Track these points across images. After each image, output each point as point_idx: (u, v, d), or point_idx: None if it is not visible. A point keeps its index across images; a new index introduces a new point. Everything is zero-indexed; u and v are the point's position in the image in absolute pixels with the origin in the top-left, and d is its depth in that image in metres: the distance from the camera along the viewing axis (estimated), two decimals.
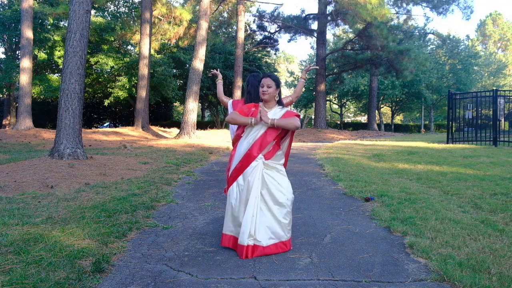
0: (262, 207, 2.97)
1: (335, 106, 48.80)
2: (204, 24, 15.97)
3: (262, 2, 26.05)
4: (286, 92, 61.08)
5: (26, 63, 16.10)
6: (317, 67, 4.86)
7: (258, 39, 30.96)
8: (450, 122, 15.11)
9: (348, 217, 4.06)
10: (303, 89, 3.80)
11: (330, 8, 26.12)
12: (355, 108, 50.53)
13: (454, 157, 9.18)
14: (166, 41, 24.54)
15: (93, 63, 24.14)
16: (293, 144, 3.37)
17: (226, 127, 28.10)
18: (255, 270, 2.65)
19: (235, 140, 3.22)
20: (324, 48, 27.15)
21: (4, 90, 23.94)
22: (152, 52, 22.11)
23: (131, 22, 24.84)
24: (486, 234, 3.27)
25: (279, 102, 3.20)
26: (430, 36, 37.14)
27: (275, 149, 3.09)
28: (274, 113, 3.11)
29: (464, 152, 10.45)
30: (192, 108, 15.83)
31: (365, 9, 19.86)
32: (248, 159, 3.02)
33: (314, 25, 27.99)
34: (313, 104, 33.03)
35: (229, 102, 3.83)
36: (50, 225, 3.42)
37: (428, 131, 39.72)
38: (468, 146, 12.94)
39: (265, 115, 3.02)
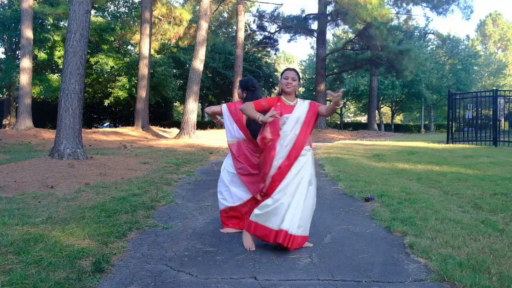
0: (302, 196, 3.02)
1: None
2: (204, 24, 15.97)
3: (262, 2, 26.08)
4: None
5: (26, 63, 16.10)
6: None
7: (258, 39, 30.96)
8: (450, 122, 15.11)
9: (348, 217, 4.05)
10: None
11: (330, 8, 26.14)
12: (355, 108, 50.55)
13: (454, 157, 9.18)
14: (166, 41, 24.54)
15: (93, 63, 24.14)
16: None
17: None
18: (255, 270, 2.65)
19: (263, 144, 3.13)
20: (324, 48, 27.16)
21: (4, 90, 23.94)
22: (152, 52, 22.11)
23: (131, 22, 24.85)
24: (486, 234, 3.27)
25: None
26: (430, 36, 37.20)
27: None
28: (300, 105, 3.17)
29: (464, 152, 10.45)
30: (192, 108, 15.83)
31: (365, 10, 19.86)
32: (289, 162, 3.02)
33: (314, 25, 28.01)
34: None
35: (223, 106, 3.67)
36: (50, 225, 3.42)
37: (428, 131, 39.73)
38: (468, 146, 12.94)
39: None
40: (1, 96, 26.96)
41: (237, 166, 3.53)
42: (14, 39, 22.95)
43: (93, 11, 23.88)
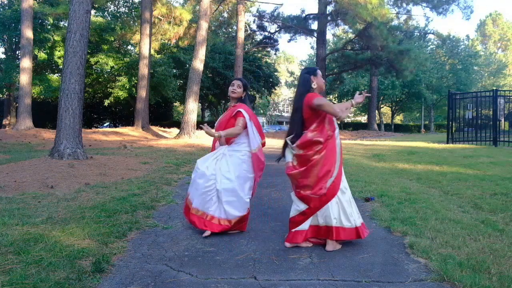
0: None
1: None
2: (204, 24, 15.96)
3: (262, 2, 26.06)
4: (285, 92, 60.94)
5: (26, 63, 16.09)
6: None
7: (258, 39, 30.94)
8: (450, 122, 15.12)
9: None
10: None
11: (330, 8, 26.10)
12: (355, 108, 50.56)
13: (454, 157, 9.18)
14: (166, 41, 24.54)
15: (93, 63, 24.13)
16: None
17: None
18: (255, 270, 2.65)
19: (327, 140, 3.04)
20: (324, 48, 27.14)
21: (4, 90, 23.94)
22: (152, 52, 22.11)
23: (131, 22, 24.85)
24: (486, 234, 3.27)
25: None
26: (430, 36, 37.19)
27: None
28: None
29: (464, 152, 10.45)
30: (192, 108, 15.83)
31: (365, 9, 19.84)
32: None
33: (314, 25, 27.96)
34: None
35: (244, 113, 3.39)
36: (50, 225, 3.42)
37: (428, 131, 39.76)
38: (468, 146, 12.94)
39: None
40: (1, 96, 26.96)
41: (258, 174, 3.50)
42: (14, 39, 22.95)
43: (93, 11, 23.88)
